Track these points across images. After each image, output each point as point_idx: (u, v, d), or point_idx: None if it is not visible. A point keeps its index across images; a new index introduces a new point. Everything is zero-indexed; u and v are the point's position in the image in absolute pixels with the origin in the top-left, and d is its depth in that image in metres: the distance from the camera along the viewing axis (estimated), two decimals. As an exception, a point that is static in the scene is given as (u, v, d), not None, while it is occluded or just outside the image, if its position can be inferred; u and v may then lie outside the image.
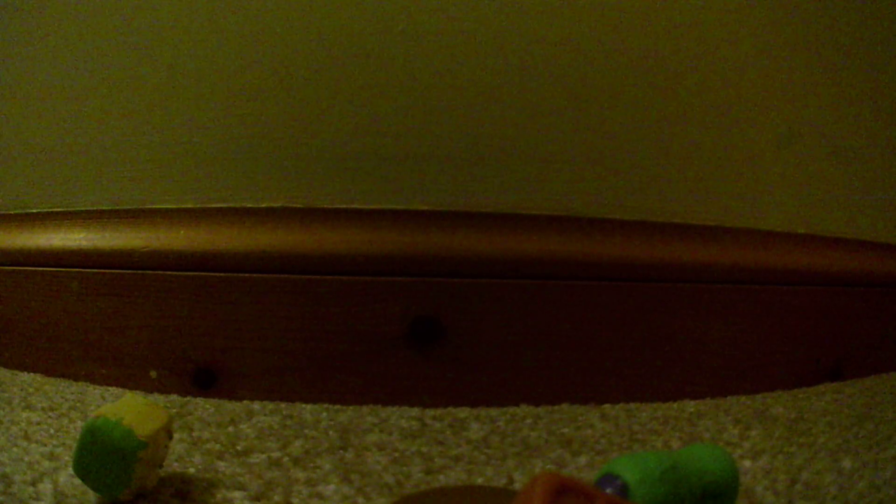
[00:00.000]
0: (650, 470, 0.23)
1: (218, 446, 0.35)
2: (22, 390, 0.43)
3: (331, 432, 0.39)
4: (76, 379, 0.47)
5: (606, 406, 0.46)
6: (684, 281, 0.49)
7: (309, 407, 0.44)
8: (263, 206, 0.48)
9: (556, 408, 0.45)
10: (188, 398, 0.45)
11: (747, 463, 0.35)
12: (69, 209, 0.49)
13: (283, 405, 0.44)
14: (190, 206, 0.48)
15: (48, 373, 0.47)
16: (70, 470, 0.30)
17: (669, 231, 0.50)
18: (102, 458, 0.27)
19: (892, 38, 0.56)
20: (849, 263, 0.55)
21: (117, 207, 0.48)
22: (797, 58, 0.54)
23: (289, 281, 0.45)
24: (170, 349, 0.46)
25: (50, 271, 0.47)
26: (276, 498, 0.29)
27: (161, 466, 0.29)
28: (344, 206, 0.48)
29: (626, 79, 0.50)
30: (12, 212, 0.50)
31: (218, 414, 0.41)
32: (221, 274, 0.45)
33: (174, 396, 0.45)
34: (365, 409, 0.44)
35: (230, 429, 0.38)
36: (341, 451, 0.35)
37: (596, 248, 0.48)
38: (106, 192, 0.49)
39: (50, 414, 0.39)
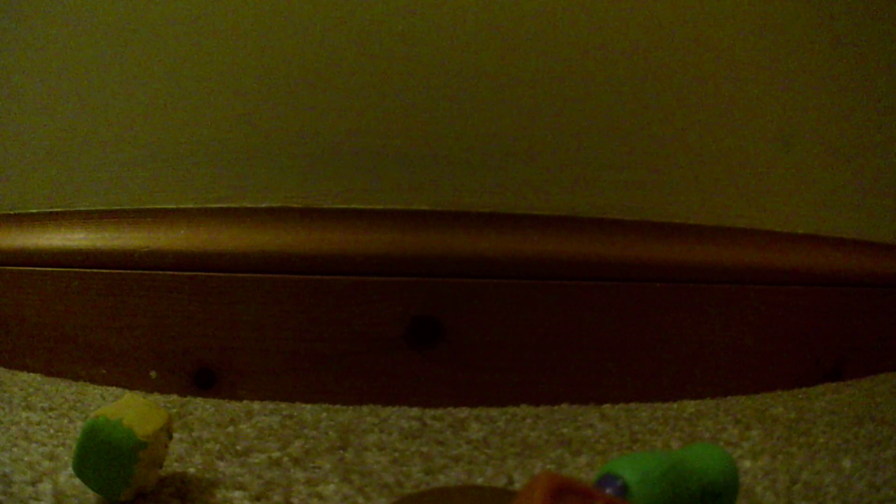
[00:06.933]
0: (650, 470, 0.23)
1: (218, 446, 0.35)
2: (22, 390, 0.43)
3: (331, 432, 0.39)
4: (76, 379, 0.47)
5: (606, 406, 0.46)
6: (684, 281, 0.49)
7: (309, 407, 0.44)
8: (263, 206, 0.48)
9: (556, 408, 0.45)
10: (188, 398, 0.45)
11: (747, 463, 0.35)
12: (69, 209, 0.49)
13: (283, 405, 0.44)
14: (190, 206, 0.48)
15: (48, 373, 0.47)
16: (70, 470, 0.30)
17: (669, 231, 0.50)
18: (102, 458, 0.27)
19: (892, 38, 0.56)
20: (849, 263, 0.55)
21: (117, 207, 0.48)
22: (797, 58, 0.54)
23: (289, 281, 0.45)
24: (170, 349, 0.46)
25: (50, 271, 0.47)
26: (276, 498, 0.29)
27: (161, 466, 0.29)
28: (344, 206, 0.48)
29: (627, 79, 0.50)
30: (12, 212, 0.50)
31: (218, 414, 0.41)
32: (221, 274, 0.45)
33: (174, 396, 0.45)
34: (365, 409, 0.44)
35: (230, 429, 0.38)
36: (341, 451, 0.35)
37: (596, 248, 0.48)
38: (106, 192, 0.49)
39: (50, 414, 0.39)
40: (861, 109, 0.56)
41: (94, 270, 0.47)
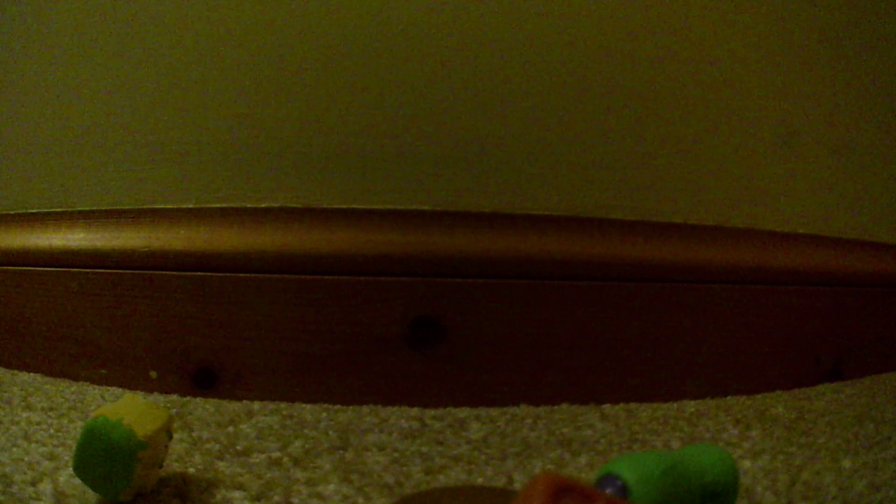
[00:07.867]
0: (650, 470, 0.23)
1: (218, 446, 0.35)
2: (22, 390, 0.43)
3: (331, 432, 0.39)
4: (76, 379, 0.47)
5: (606, 406, 0.46)
6: (684, 281, 0.49)
7: (309, 407, 0.44)
8: (263, 206, 0.48)
9: (556, 408, 0.45)
10: (188, 398, 0.45)
11: (747, 463, 0.35)
12: (69, 209, 0.49)
13: (283, 405, 0.44)
14: (190, 206, 0.48)
15: (48, 373, 0.47)
16: (70, 470, 0.30)
17: (669, 231, 0.50)
18: (102, 458, 0.27)
19: (892, 37, 0.56)
20: (849, 263, 0.55)
21: (117, 207, 0.48)
22: (797, 58, 0.54)
23: (289, 281, 0.45)
24: (170, 349, 0.46)
25: (50, 271, 0.47)
26: (276, 498, 0.29)
27: (161, 466, 0.29)
28: (344, 206, 0.48)
29: (626, 79, 0.50)
30: (12, 212, 0.50)
31: (218, 414, 0.41)
32: (221, 274, 0.45)
33: (174, 396, 0.45)
34: (365, 409, 0.44)
35: (230, 429, 0.38)
36: (341, 451, 0.35)
37: (596, 248, 0.48)
38: (106, 192, 0.49)
39: (50, 414, 0.39)
40: (861, 109, 0.56)
41: (94, 270, 0.47)
